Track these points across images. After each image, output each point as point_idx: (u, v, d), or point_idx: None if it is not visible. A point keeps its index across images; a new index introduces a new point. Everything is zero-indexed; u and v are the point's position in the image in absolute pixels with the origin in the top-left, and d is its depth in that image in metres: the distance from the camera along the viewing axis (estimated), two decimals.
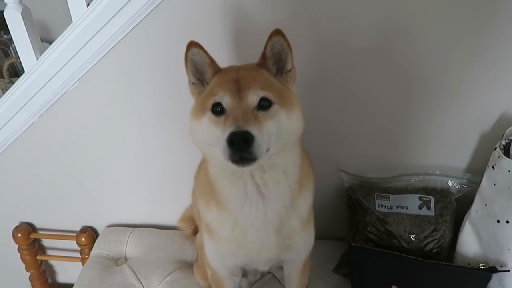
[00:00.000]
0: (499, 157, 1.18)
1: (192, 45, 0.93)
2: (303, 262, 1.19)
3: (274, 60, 0.94)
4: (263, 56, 0.94)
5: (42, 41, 1.43)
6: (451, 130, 1.37)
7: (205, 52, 0.94)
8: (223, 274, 1.17)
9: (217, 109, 0.88)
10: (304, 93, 1.23)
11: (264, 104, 0.87)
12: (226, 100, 0.87)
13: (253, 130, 0.80)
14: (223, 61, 0.99)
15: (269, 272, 1.47)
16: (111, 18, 1.23)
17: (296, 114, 0.91)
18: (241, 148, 0.78)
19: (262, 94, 0.87)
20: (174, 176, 1.59)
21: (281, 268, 1.29)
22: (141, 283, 1.49)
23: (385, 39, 1.23)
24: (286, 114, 0.88)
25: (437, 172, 1.42)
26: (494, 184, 1.20)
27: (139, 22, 1.25)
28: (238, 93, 0.87)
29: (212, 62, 0.95)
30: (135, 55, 1.33)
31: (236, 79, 0.89)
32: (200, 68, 0.96)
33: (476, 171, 1.36)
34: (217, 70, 0.96)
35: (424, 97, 1.32)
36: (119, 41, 1.29)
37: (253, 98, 0.86)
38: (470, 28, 1.19)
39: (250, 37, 1.23)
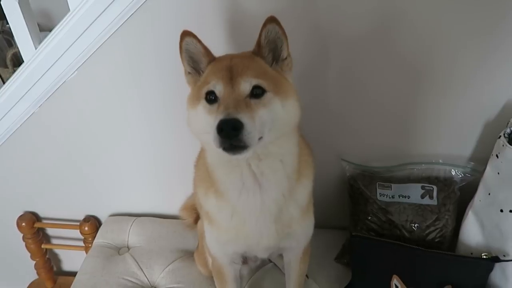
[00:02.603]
0: (503, 145, 1.16)
1: (185, 34, 0.93)
2: (303, 250, 1.19)
3: (270, 48, 0.93)
4: (258, 44, 0.93)
5: (44, 30, 1.43)
6: (455, 119, 1.35)
7: (199, 41, 0.94)
8: (223, 261, 1.18)
9: (211, 98, 0.88)
10: (305, 82, 1.22)
11: (257, 92, 0.86)
12: (219, 88, 0.87)
13: (243, 117, 0.79)
14: (224, 50, 0.98)
15: (270, 261, 1.47)
16: (110, 4, 1.22)
17: (292, 102, 0.90)
18: (229, 135, 0.78)
19: (254, 82, 0.86)
20: (176, 166, 1.58)
21: (282, 256, 1.29)
22: (143, 271, 1.51)
23: (386, 25, 1.21)
24: (281, 102, 0.88)
25: (440, 161, 1.40)
26: (498, 173, 1.18)
27: (139, 8, 1.23)
28: (231, 81, 0.86)
29: (206, 51, 0.95)
30: (135, 42, 1.32)
31: (229, 67, 0.89)
32: (195, 57, 0.96)
33: (480, 160, 1.33)
34: (211, 58, 0.96)
35: (427, 85, 1.30)
36: (118, 28, 1.27)
37: (245, 86, 0.86)
38: (475, 16, 1.16)
39: (248, 25, 1.21)
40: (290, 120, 0.91)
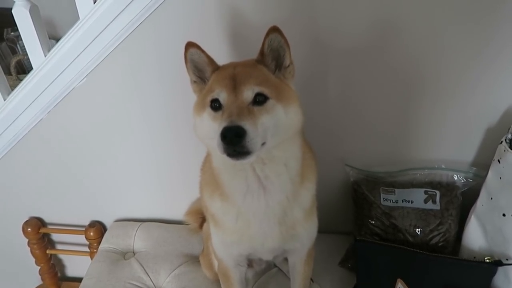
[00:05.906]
0: (504, 151, 1.18)
1: (190, 45, 0.96)
2: (307, 252, 1.21)
3: (273, 56, 0.96)
4: (261, 52, 0.96)
5: (49, 38, 1.45)
6: (457, 124, 1.37)
7: (203, 51, 0.97)
8: (228, 263, 1.19)
9: (215, 105, 0.91)
10: (308, 88, 1.24)
11: (260, 99, 0.89)
12: (223, 96, 0.90)
13: (246, 124, 0.82)
14: (226, 59, 1.00)
15: (275, 266, 1.48)
16: (118, 15, 1.25)
17: (294, 108, 0.92)
18: (232, 142, 0.81)
19: (257, 89, 0.89)
20: (181, 171, 1.60)
21: (286, 261, 1.30)
22: (149, 276, 1.52)
23: (388, 34, 1.23)
24: (283, 109, 0.90)
25: (442, 166, 1.42)
26: (500, 178, 1.20)
27: (145, 18, 1.26)
28: (234, 89, 0.89)
29: (210, 60, 0.98)
30: (142, 51, 1.35)
31: (233, 75, 0.91)
32: (200, 66, 0.99)
33: (482, 165, 1.36)
34: (215, 67, 0.98)
35: (430, 91, 1.32)
36: (126, 37, 1.30)
37: (248, 93, 0.88)
38: (473, 21, 1.19)
39: (249, 35, 1.23)
40: (292, 126, 0.93)
